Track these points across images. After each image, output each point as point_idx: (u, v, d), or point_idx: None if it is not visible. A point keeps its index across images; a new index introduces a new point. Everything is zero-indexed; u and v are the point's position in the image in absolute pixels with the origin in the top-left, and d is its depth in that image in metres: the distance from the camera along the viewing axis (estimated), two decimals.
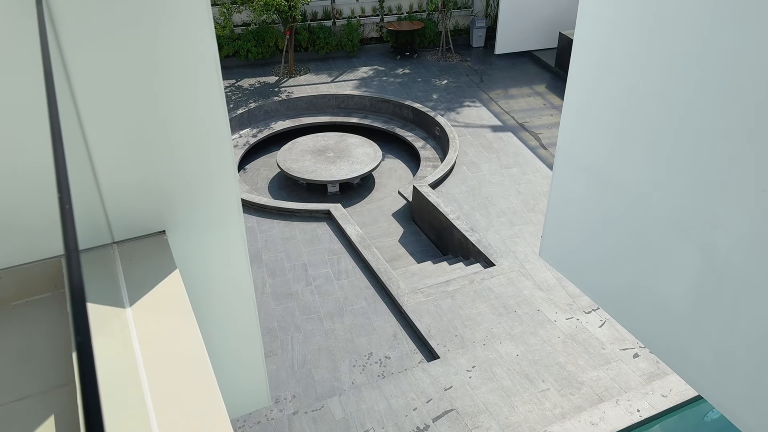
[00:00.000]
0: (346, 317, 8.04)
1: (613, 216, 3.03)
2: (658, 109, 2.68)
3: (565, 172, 3.26)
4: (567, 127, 3.15)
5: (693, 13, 2.41)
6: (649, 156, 2.75)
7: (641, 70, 2.71)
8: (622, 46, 2.77)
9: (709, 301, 2.63)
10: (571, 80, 3.05)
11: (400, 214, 10.70)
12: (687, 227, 2.64)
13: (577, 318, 7.92)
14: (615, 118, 2.90)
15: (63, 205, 0.65)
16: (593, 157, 3.05)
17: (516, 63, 15.39)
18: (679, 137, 2.60)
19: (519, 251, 9.16)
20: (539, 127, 12.51)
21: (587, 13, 2.86)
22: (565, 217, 3.37)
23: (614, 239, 3.05)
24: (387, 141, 12.99)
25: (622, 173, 2.92)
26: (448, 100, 13.64)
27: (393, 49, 16.10)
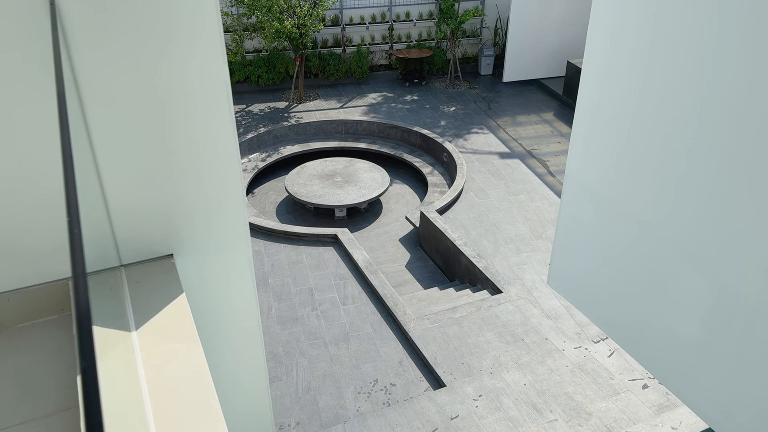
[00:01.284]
0: (351, 343, 7.98)
1: (621, 244, 3.01)
2: (665, 139, 2.69)
3: (573, 199, 3.25)
4: (575, 155, 3.15)
5: (699, 42, 2.43)
6: (657, 185, 2.75)
7: (648, 99, 2.72)
8: (628, 76, 2.79)
9: (720, 332, 2.59)
10: (579, 108, 3.06)
11: (407, 239, 10.69)
12: (696, 257, 2.62)
13: (585, 347, 7.82)
14: (622, 147, 2.90)
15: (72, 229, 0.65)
16: (601, 185, 3.05)
17: (524, 91, 15.49)
18: (687, 166, 2.59)
19: (527, 278, 9.10)
20: (547, 155, 12.53)
21: (595, 44, 2.89)
22: (573, 244, 3.35)
23: (622, 268, 3.03)
24: (395, 166, 13.05)
25: (629, 201, 2.91)
26: (456, 126, 13.71)
27: (402, 76, 16.27)
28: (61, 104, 0.96)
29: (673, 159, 2.65)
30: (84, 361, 0.50)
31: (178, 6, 1.59)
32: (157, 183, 1.85)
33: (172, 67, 1.65)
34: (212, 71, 1.71)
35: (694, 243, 2.61)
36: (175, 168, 1.84)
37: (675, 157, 2.63)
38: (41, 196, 1.73)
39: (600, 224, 3.11)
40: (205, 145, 1.85)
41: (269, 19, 13.40)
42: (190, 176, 1.87)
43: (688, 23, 2.45)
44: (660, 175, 2.73)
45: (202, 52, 1.67)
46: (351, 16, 16.15)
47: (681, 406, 6.95)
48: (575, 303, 3.44)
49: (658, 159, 2.72)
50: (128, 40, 1.61)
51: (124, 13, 1.55)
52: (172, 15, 1.59)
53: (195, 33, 1.65)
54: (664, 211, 2.73)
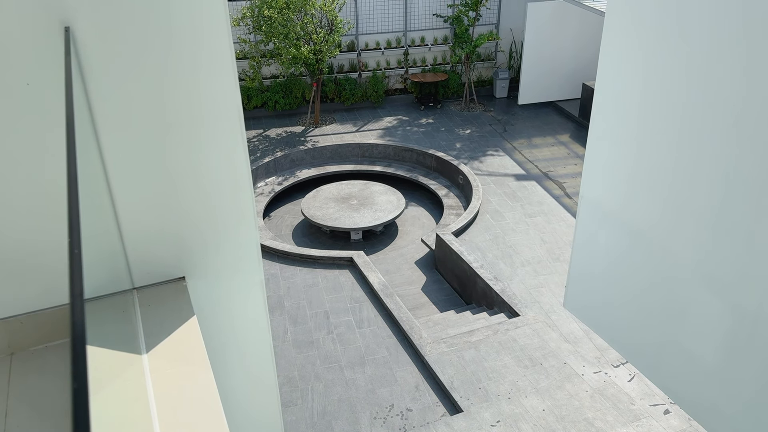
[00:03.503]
0: (367, 367, 7.91)
1: (637, 267, 2.97)
2: (679, 161, 2.66)
3: (589, 221, 3.22)
4: (589, 177, 3.13)
5: (708, 62, 2.41)
6: (674, 207, 2.71)
7: (659, 121, 2.70)
8: (640, 97, 2.78)
9: (740, 356, 2.53)
10: (593, 130, 3.05)
11: (422, 262, 10.65)
12: (714, 280, 2.57)
13: (605, 372, 7.67)
14: (635, 169, 2.88)
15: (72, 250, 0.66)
16: (616, 207, 3.02)
17: (539, 113, 15.50)
18: (703, 189, 2.56)
19: (544, 301, 8.99)
20: (563, 176, 12.47)
21: (606, 66, 2.88)
22: (589, 267, 3.31)
23: (640, 291, 2.98)
24: (410, 189, 13.06)
25: (645, 224, 2.87)
26: (471, 149, 13.73)
27: (417, 99, 16.38)
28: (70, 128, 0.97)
29: (688, 181, 2.61)
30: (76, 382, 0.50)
31: (192, 32, 1.62)
32: (169, 206, 1.86)
33: (185, 91, 1.68)
34: (225, 96, 1.73)
35: (712, 265, 2.56)
36: (187, 192, 1.86)
37: (690, 180, 2.60)
38: (55, 220, 1.75)
39: (616, 247, 3.07)
40: (217, 168, 1.87)
41: (286, 46, 13.61)
42: (202, 200, 1.88)
43: (695, 45, 2.44)
44: (675, 197, 2.69)
45: (215, 77, 1.70)
46: (366, 41, 16.35)
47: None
48: (592, 326, 3.38)
49: (672, 181, 2.69)
50: (142, 64, 1.64)
51: (138, 39, 1.58)
52: (185, 41, 1.62)
53: (208, 58, 1.67)
54: (681, 234, 2.69)
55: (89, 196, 1.36)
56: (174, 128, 1.73)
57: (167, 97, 1.66)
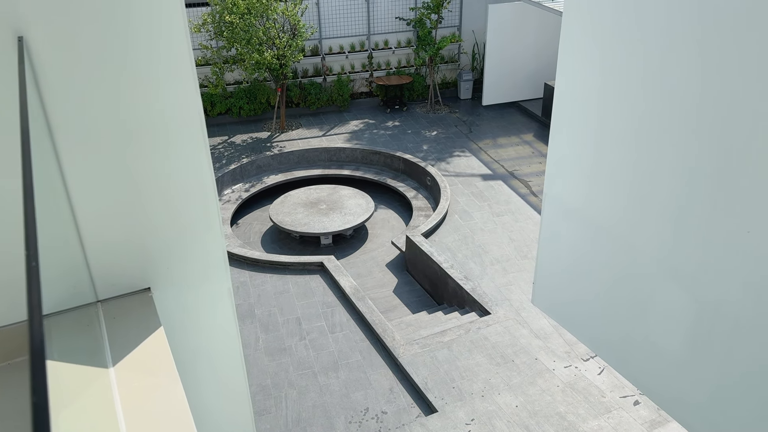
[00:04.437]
0: (341, 371, 7.89)
1: (601, 262, 3.03)
2: (638, 156, 2.72)
3: (553, 219, 3.27)
4: (552, 175, 3.18)
5: (662, 57, 2.48)
6: (635, 202, 2.78)
7: (617, 117, 2.76)
8: (600, 94, 2.84)
9: (703, 347, 2.60)
10: (554, 128, 3.10)
11: (393, 264, 10.67)
12: (677, 274, 2.64)
13: (575, 366, 7.80)
14: (596, 165, 2.94)
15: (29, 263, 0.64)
16: (579, 204, 3.07)
17: (503, 113, 15.70)
18: (663, 184, 2.63)
19: (514, 299, 9.10)
20: (529, 175, 12.65)
21: (565, 66, 2.94)
22: (555, 263, 3.37)
23: (605, 285, 3.04)
24: (379, 192, 13.08)
25: (608, 219, 2.93)
26: (438, 150, 13.82)
27: (383, 102, 16.42)
28: (25, 138, 0.95)
29: (648, 177, 2.68)
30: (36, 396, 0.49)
31: (150, 40, 1.60)
32: (132, 216, 1.83)
33: (145, 99, 1.66)
34: (186, 102, 1.71)
35: (674, 259, 2.63)
36: (150, 200, 1.83)
37: (650, 175, 2.67)
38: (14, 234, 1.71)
39: (580, 243, 3.12)
40: (181, 176, 1.84)
41: (249, 51, 13.50)
42: (166, 208, 1.86)
43: (651, 42, 2.50)
44: (636, 193, 2.76)
45: (175, 84, 1.67)
46: (330, 45, 16.33)
47: (673, 422, 6.92)
48: (560, 321, 3.44)
49: (633, 177, 2.76)
50: (99, 73, 1.61)
51: (95, 47, 1.55)
52: (143, 48, 1.60)
53: (167, 66, 1.65)
54: (643, 228, 2.75)
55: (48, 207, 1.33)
56: (134, 136, 1.70)
57: (127, 105, 1.64)
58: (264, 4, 13.37)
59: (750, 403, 2.42)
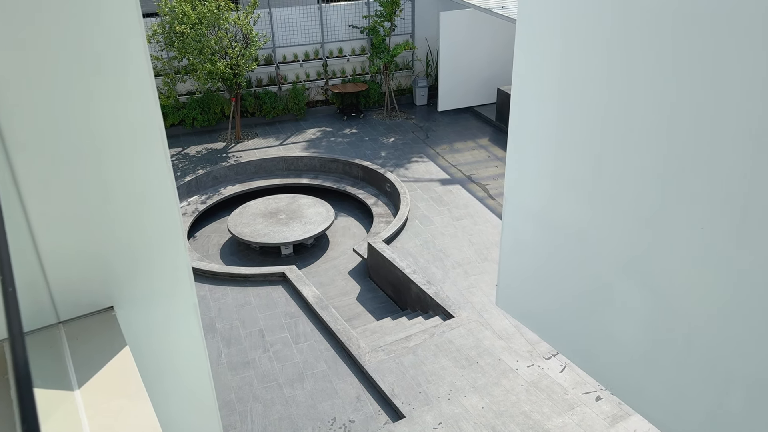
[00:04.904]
0: (306, 382, 7.82)
1: (562, 261, 3.11)
2: (593, 154, 2.81)
3: (514, 220, 3.34)
4: (511, 177, 3.25)
5: (616, 57, 2.57)
6: (589, 198, 2.86)
7: (572, 117, 2.84)
8: (557, 94, 2.91)
9: (662, 338, 2.69)
10: (512, 130, 3.16)
11: (356, 271, 10.66)
12: (633, 267, 2.73)
13: (538, 365, 7.94)
14: (553, 166, 3.01)
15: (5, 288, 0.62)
16: (540, 206, 3.15)
17: (459, 119, 15.91)
18: (616, 179, 2.71)
19: (476, 301, 9.21)
20: (486, 179, 12.84)
21: (520, 68, 3.01)
22: (517, 264, 3.43)
23: (566, 284, 3.11)
24: (339, 200, 13.06)
25: (565, 218, 3.01)
26: (396, 156, 13.90)
27: (339, 110, 16.43)
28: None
29: (602, 173, 2.76)
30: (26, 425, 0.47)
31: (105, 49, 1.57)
32: (91, 232, 1.79)
33: (103, 111, 1.62)
34: (144, 114, 1.68)
35: (629, 254, 2.72)
36: (110, 215, 1.79)
37: (604, 171, 2.75)
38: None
39: (541, 244, 3.20)
40: (141, 190, 1.81)
41: (201, 61, 13.31)
42: (126, 223, 1.82)
43: (603, 39, 2.59)
44: (594, 192, 2.84)
45: (133, 96, 1.65)
46: (284, 54, 16.26)
47: (634, 415, 7.12)
48: (524, 322, 3.50)
49: (591, 176, 2.84)
50: (54, 84, 1.57)
51: (48, 57, 1.51)
52: (99, 58, 1.57)
53: (124, 76, 1.62)
54: (599, 225, 2.84)
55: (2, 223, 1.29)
56: (93, 149, 1.67)
57: (84, 115, 1.60)
58: (215, 14, 13.22)
59: (707, 391, 2.51)
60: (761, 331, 2.27)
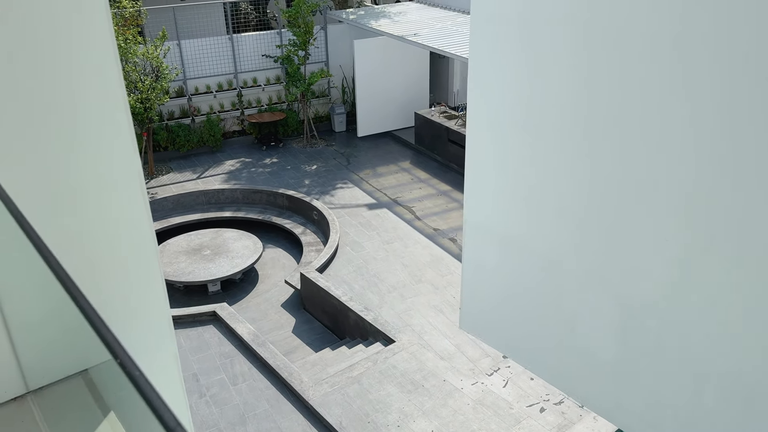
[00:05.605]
0: (249, 425, 7.48)
1: (526, 279, 3.15)
2: (553, 170, 2.88)
3: (474, 243, 3.36)
4: (471, 200, 3.27)
5: (574, 75, 2.66)
6: (554, 215, 2.92)
7: (534, 136, 2.91)
8: (511, 116, 2.97)
9: (633, 349, 2.76)
10: (469, 154, 3.19)
11: (289, 303, 10.41)
12: (601, 281, 2.80)
13: (481, 382, 8.03)
14: (514, 186, 3.06)
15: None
16: (499, 226, 3.18)
17: (379, 143, 16.07)
18: (577, 195, 2.79)
19: (415, 324, 9.22)
20: (411, 201, 12.99)
21: (475, 93, 3.06)
22: (480, 286, 3.44)
23: (532, 302, 3.15)
24: (265, 231, 12.75)
25: (530, 237, 3.06)
26: (320, 183, 13.81)
27: (257, 140, 16.16)
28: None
29: (563, 190, 2.84)
30: None
31: (85, 98, 1.44)
32: None
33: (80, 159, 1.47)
34: (123, 162, 1.54)
35: (597, 268, 2.79)
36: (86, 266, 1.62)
37: (565, 188, 2.83)
38: None
39: (504, 264, 3.23)
40: (119, 236, 1.65)
41: None
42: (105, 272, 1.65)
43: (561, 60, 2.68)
44: (552, 209, 2.91)
45: (111, 143, 1.51)
46: (196, 86, 15.85)
47: (578, 423, 7.33)
48: (491, 343, 3.51)
49: (550, 192, 2.91)
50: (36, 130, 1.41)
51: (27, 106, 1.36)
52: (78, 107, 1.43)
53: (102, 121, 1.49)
54: (562, 240, 2.90)
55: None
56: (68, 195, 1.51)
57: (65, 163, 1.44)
58: (123, 48, 12.71)
59: (684, 401, 2.60)
60: (730, 329, 2.38)
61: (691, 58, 2.18)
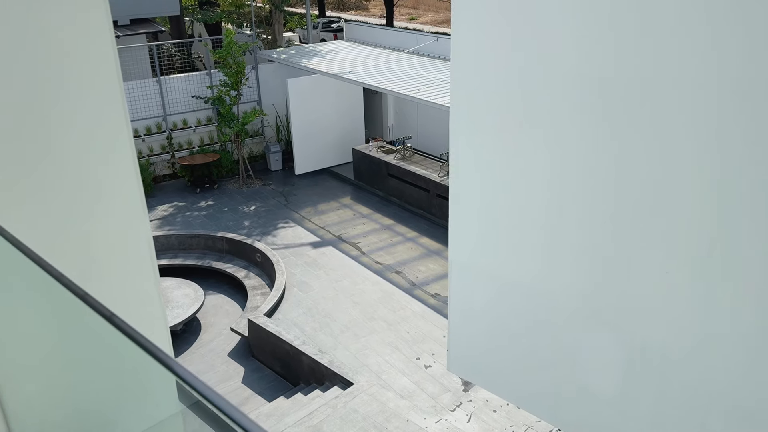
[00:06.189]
0: None
1: (519, 317, 3.09)
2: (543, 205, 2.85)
3: (461, 282, 3.28)
4: (456, 239, 3.20)
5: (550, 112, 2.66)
6: (545, 253, 2.89)
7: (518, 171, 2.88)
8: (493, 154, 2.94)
9: (636, 386, 2.73)
10: (453, 193, 3.13)
11: (237, 352, 9.96)
12: (601, 318, 2.77)
13: (445, 418, 7.90)
14: (500, 223, 3.02)
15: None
16: (487, 264, 3.12)
17: (317, 180, 15.93)
18: (570, 232, 2.76)
19: (372, 363, 9.02)
20: (356, 237, 12.88)
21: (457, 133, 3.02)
22: (468, 326, 3.36)
23: (528, 341, 3.09)
24: (205, 277, 12.24)
25: (519, 275, 3.01)
26: (261, 224, 13.47)
27: (191, 183, 15.66)
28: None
29: (554, 227, 2.81)
30: None
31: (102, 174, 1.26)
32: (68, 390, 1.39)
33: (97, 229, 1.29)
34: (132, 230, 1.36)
35: (594, 303, 2.76)
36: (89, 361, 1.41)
37: (556, 225, 2.80)
38: None
39: (494, 302, 3.16)
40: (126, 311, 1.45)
41: None
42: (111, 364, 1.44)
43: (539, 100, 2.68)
44: (543, 244, 2.88)
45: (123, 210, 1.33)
46: None
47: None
48: (482, 383, 3.42)
49: (539, 228, 2.87)
50: None
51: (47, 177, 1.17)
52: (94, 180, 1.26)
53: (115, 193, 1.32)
54: (557, 277, 2.87)
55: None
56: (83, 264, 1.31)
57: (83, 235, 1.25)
58: None
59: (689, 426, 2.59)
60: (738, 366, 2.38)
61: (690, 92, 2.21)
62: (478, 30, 2.75)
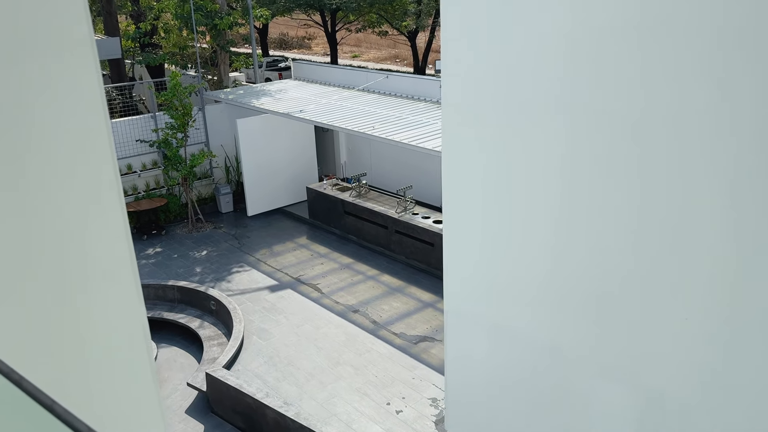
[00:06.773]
0: None
1: (525, 369, 2.88)
2: (543, 256, 2.69)
3: (458, 335, 3.06)
4: (453, 290, 2.99)
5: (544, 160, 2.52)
6: (551, 298, 2.71)
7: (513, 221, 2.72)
8: (487, 203, 2.78)
9: None
10: (447, 240, 2.94)
11: (194, 408, 9.35)
12: (610, 367, 2.60)
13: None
14: (501, 265, 2.84)
15: None
16: (488, 317, 2.92)
17: (271, 221, 15.53)
18: (573, 282, 2.60)
19: (341, 412, 8.61)
20: (315, 278, 12.51)
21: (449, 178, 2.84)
22: (467, 380, 3.13)
23: (533, 393, 2.88)
24: (156, 329, 11.56)
25: (521, 326, 2.82)
26: (214, 270, 12.93)
27: (136, 229, 14.97)
28: None
29: (557, 278, 2.65)
30: None
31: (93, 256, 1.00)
32: None
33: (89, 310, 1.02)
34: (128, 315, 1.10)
35: (603, 353, 2.59)
36: None
37: (558, 276, 2.64)
38: None
39: (496, 352, 2.95)
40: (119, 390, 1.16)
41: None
42: None
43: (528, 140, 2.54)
44: (548, 292, 2.70)
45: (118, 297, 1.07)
46: None
47: None
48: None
49: (542, 279, 2.70)
50: None
51: None
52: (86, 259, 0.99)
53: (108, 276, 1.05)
54: (563, 328, 2.69)
55: None
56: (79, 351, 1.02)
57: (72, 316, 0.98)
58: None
59: None
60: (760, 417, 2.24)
61: None
62: None
